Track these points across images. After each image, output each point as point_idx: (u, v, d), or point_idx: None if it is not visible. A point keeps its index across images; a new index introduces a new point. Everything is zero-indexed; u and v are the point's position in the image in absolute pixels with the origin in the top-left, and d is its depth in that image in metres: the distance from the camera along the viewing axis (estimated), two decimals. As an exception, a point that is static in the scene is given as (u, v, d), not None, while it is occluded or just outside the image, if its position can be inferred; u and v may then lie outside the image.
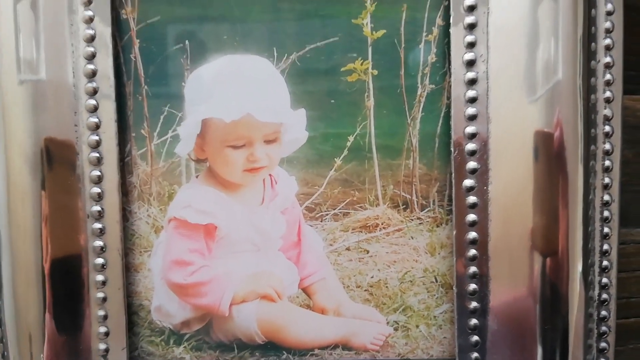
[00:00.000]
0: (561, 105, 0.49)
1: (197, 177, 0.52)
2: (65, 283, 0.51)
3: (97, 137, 0.50)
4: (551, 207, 0.49)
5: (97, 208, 0.50)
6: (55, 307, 0.51)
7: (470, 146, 0.49)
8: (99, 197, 0.50)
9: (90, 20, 0.50)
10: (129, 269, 0.52)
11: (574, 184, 0.49)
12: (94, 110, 0.50)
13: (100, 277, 0.51)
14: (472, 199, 0.49)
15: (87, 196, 0.50)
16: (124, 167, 0.52)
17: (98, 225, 0.50)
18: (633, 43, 0.52)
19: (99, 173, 0.50)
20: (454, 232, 0.50)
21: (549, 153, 0.49)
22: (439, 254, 0.52)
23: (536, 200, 0.49)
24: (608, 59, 0.50)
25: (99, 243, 0.50)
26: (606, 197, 0.51)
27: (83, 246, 0.50)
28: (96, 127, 0.50)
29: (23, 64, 0.50)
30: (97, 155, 0.50)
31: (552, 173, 0.49)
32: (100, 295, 0.51)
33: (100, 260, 0.51)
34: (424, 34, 0.51)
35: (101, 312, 0.51)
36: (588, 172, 0.50)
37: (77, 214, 0.50)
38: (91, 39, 0.50)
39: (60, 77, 0.50)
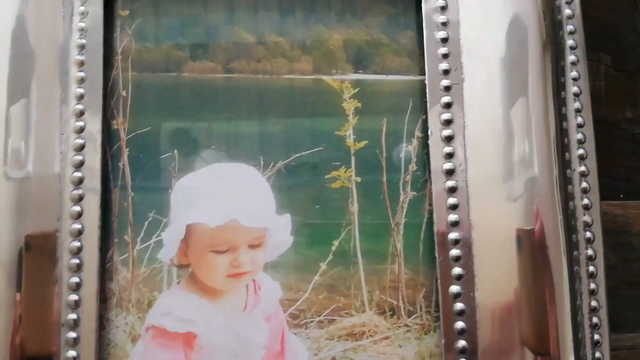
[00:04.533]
0: (540, 202, 0.50)
1: (178, 283, 0.51)
2: (32, 396, 0.48)
3: (78, 244, 0.49)
4: (539, 314, 0.48)
5: (73, 316, 0.48)
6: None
7: (455, 252, 0.49)
8: (76, 305, 0.48)
9: (81, 130, 0.51)
10: (102, 382, 0.49)
11: (560, 288, 0.49)
12: (78, 217, 0.50)
13: (71, 391, 0.48)
14: (459, 305, 0.49)
15: (64, 304, 0.48)
16: (104, 273, 0.50)
17: (72, 335, 0.48)
18: (603, 152, 0.54)
19: (77, 280, 0.49)
20: (443, 341, 0.49)
21: (533, 254, 0.49)
22: (428, 363, 0.50)
23: (523, 307, 0.48)
24: (583, 168, 0.52)
25: (72, 353, 0.48)
26: (593, 303, 0.50)
27: (54, 357, 0.48)
28: (79, 234, 0.50)
29: (10, 161, 0.50)
30: (78, 261, 0.49)
31: (538, 277, 0.49)
32: (70, 409, 0.47)
33: (72, 372, 0.48)
34: (404, 144, 0.53)
35: None
36: (573, 278, 0.50)
37: (52, 322, 0.48)
38: (80, 148, 0.51)
39: (47, 184, 0.50)
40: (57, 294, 0.48)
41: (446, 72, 0.52)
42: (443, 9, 0.53)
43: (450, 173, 0.51)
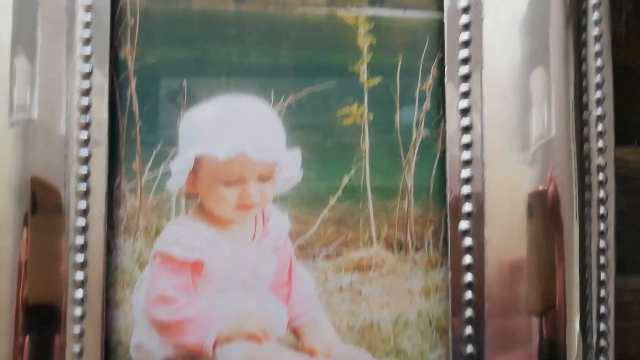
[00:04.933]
0: (556, 143, 0.49)
1: (186, 212, 0.51)
2: (41, 314, 0.48)
3: (86, 170, 0.49)
4: (547, 251, 0.49)
5: (81, 240, 0.48)
6: (29, 339, 0.48)
7: (466, 189, 0.49)
8: (84, 230, 0.49)
9: (87, 59, 0.51)
10: (109, 304, 0.49)
11: (570, 228, 0.49)
12: (85, 143, 0.50)
13: (78, 311, 0.48)
14: (467, 241, 0.49)
15: (72, 228, 0.48)
16: (112, 200, 0.50)
17: (80, 258, 0.48)
18: (621, 99, 0.53)
19: (85, 206, 0.49)
20: (450, 275, 0.49)
21: (544, 200, 0.49)
22: (433, 297, 0.51)
23: (532, 244, 0.48)
24: (599, 111, 0.51)
25: (79, 276, 0.48)
26: (602, 244, 0.51)
27: (63, 278, 0.48)
28: (86, 160, 0.49)
29: (17, 99, 0.49)
30: (85, 187, 0.49)
31: (548, 217, 0.49)
32: (77, 329, 0.48)
33: (79, 294, 0.48)
34: (419, 82, 0.52)
35: (77, 348, 0.48)
36: (583, 219, 0.50)
37: (60, 245, 0.48)
38: (87, 76, 0.50)
39: (53, 112, 0.50)
40: (65, 219, 0.48)
41: (465, 10, 0.51)
42: (464, -59, 0.51)
43: (465, 112, 0.50)
